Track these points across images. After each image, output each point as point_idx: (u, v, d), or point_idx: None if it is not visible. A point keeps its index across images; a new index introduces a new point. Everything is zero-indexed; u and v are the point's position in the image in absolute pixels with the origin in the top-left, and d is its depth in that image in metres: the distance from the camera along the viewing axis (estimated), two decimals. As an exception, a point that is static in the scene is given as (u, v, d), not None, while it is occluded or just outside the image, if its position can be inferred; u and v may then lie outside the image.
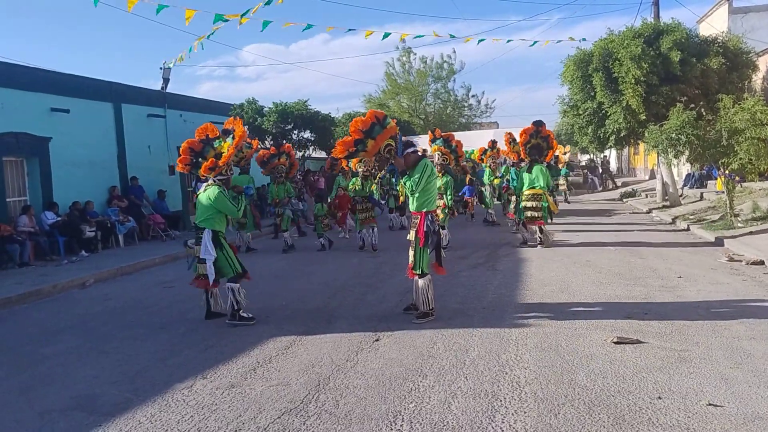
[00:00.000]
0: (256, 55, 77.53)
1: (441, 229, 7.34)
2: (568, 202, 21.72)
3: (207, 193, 6.67)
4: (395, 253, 10.71)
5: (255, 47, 79.83)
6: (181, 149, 6.96)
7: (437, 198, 6.92)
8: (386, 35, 21.03)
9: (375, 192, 10.97)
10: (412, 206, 6.39)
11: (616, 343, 5.21)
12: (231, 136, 6.96)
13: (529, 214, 11.20)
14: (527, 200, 11.18)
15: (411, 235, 6.41)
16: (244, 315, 6.57)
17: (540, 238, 11.19)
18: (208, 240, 6.54)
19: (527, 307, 6.76)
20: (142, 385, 4.84)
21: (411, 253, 6.36)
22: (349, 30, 19.89)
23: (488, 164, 16.33)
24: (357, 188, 11.68)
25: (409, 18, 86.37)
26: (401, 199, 10.41)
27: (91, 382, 4.96)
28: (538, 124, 11.66)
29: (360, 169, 11.62)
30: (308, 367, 5.03)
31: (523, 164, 11.94)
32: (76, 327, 7.02)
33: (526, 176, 11.36)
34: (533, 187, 11.16)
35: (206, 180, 6.86)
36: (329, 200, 13.14)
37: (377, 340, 5.70)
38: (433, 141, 11.57)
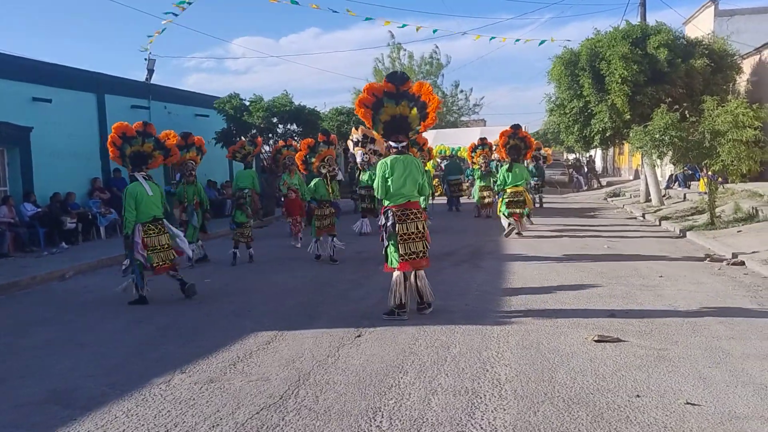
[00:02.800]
0: (245, 48, 77.05)
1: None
2: (541, 205, 19.32)
3: (154, 187, 7.84)
4: (379, 252, 10.60)
5: (244, 40, 79.21)
6: (108, 143, 7.89)
7: None
8: (367, 19, 22.75)
9: (335, 195, 10.26)
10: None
11: (596, 341, 5.23)
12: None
13: (513, 208, 12.21)
14: (511, 197, 12.18)
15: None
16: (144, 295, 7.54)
17: (519, 228, 12.36)
18: (170, 226, 7.78)
19: (510, 304, 6.78)
20: (119, 378, 4.77)
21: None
22: (331, 11, 21.14)
23: (479, 162, 16.53)
24: (321, 192, 10.07)
25: (399, 14, 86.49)
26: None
27: (68, 376, 4.89)
28: (516, 128, 12.73)
29: (324, 170, 10.20)
30: (288, 362, 5.00)
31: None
32: (54, 319, 6.93)
33: (509, 174, 12.27)
34: (517, 185, 12.18)
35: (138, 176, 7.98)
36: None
37: (359, 336, 5.68)
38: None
